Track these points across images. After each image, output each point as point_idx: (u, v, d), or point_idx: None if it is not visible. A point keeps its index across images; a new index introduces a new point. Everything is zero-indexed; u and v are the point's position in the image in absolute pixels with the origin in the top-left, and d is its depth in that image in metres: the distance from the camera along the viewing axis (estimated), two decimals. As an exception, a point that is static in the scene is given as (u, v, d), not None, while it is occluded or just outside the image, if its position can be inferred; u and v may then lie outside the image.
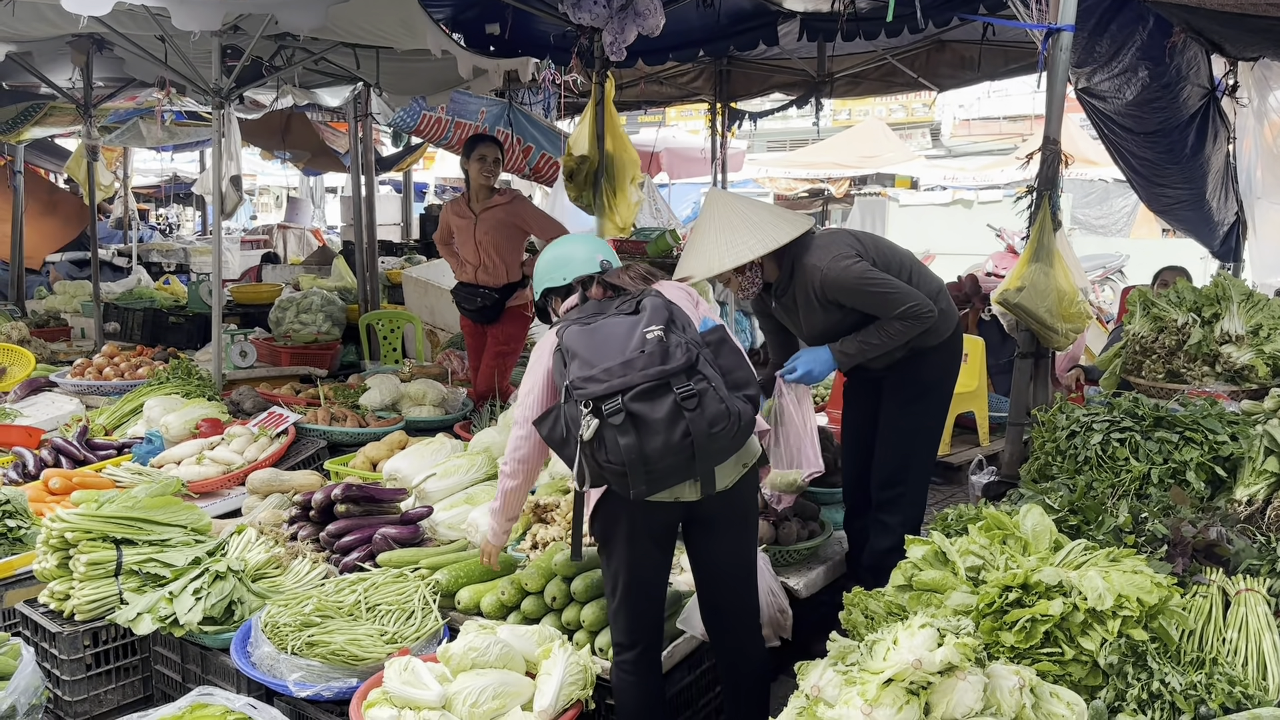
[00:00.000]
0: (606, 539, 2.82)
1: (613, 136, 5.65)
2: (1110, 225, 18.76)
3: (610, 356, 2.53)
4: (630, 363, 2.51)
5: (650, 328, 2.56)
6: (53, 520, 3.59)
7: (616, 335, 2.59)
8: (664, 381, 2.49)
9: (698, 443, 2.49)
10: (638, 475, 2.50)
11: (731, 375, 2.62)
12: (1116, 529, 2.85)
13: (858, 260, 3.49)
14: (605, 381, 2.49)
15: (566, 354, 2.63)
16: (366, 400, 5.75)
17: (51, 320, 9.13)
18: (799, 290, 3.56)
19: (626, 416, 2.47)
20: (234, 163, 5.86)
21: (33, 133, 10.09)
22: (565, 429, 2.58)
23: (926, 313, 3.48)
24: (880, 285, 3.47)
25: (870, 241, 3.68)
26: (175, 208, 22.00)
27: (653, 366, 2.50)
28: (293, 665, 2.97)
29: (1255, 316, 4.12)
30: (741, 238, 3.46)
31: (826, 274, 3.46)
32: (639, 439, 2.47)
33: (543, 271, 3.03)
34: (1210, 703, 2.19)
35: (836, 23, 6.03)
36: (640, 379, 2.49)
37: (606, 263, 2.93)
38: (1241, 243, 7.00)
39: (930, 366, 3.70)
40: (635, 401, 2.48)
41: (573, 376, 2.55)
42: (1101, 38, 5.39)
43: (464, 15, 6.41)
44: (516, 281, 5.89)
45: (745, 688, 2.98)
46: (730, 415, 2.53)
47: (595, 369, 2.52)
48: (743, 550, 2.94)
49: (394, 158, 12.90)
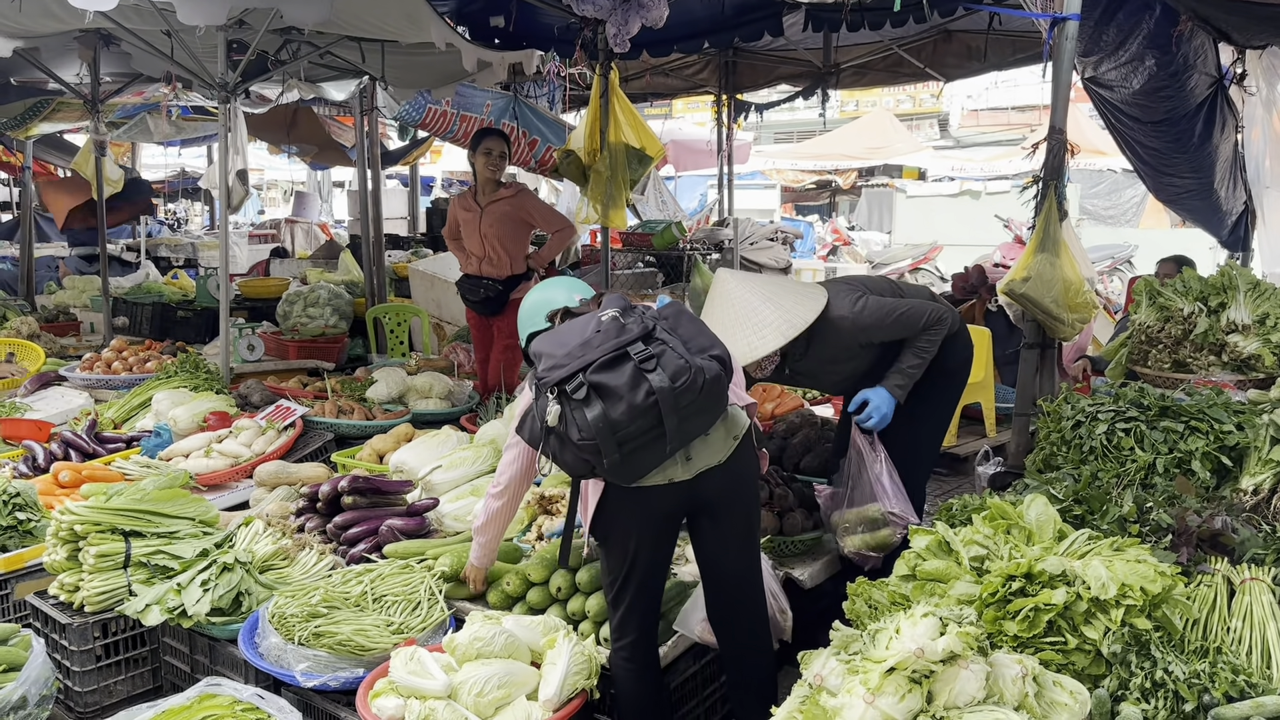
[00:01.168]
0: (608, 534, 2.83)
1: (620, 126, 5.64)
2: (1119, 215, 18.70)
3: (570, 344, 2.59)
4: (587, 342, 2.56)
5: (605, 311, 2.63)
6: (62, 513, 3.61)
7: (575, 327, 2.66)
8: (621, 351, 2.53)
9: (662, 400, 2.50)
10: (609, 445, 2.50)
11: (692, 341, 2.63)
12: (1121, 519, 2.85)
13: (866, 296, 3.60)
14: (565, 365, 2.54)
15: (535, 357, 2.68)
16: (373, 393, 5.77)
17: (61, 315, 9.18)
18: (825, 346, 3.60)
19: (589, 389, 2.50)
20: (240, 157, 5.88)
21: (41, 128, 10.12)
22: (540, 422, 2.60)
23: (942, 315, 3.59)
24: (896, 309, 3.58)
25: (856, 279, 3.82)
26: (183, 202, 22.06)
27: (609, 340, 2.55)
28: (300, 655, 2.99)
29: (1262, 306, 4.11)
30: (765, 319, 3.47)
31: (856, 320, 3.55)
32: (604, 407, 2.50)
33: (525, 317, 3.08)
34: (1214, 691, 2.19)
35: (842, 13, 6.02)
36: (598, 354, 2.53)
37: (584, 301, 2.98)
38: (1250, 232, 6.96)
39: (939, 359, 3.71)
40: (595, 373, 2.51)
41: (539, 370, 2.60)
42: (1108, 26, 5.36)
43: (468, 8, 6.41)
44: (521, 274, 5.91)
45: (751, 681, 2.98)
46: (692, 369, 2.53)
47: (557, 356, 2.57)
48: (748, 541, 2.95)
49: (400, 151, 12.92)
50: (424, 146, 13.14)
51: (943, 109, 24.87)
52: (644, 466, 2.61)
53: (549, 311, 2.97)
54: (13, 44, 6.34)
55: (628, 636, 2.88)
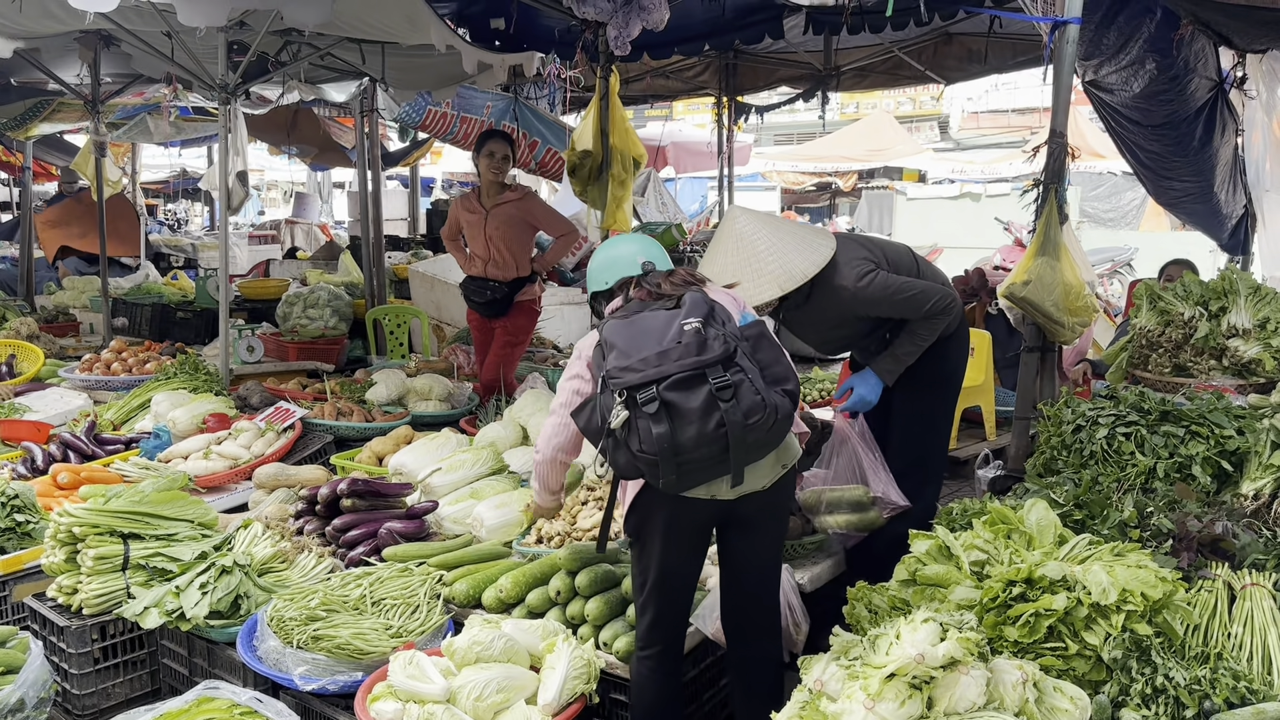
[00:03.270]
0: (640, 533, 2.80)
1: (617, 131, 5.64)
2: (1119, 218, 18.69)
3: (647, 347, 2.53)
4: (666, 353, 2.51)
5: (689, 319, 2.56)
6: (61, 515, 3.61)
7: (654, 327, 2.59)
8: (699, 372, 2.48)
9: (732, 434, 2.48)
10: (669, 465, 2.48)
11: (770, 370, 2.60)
12: (1121, 523, 2.85)
13: (878, 272, 3.55)
14: (641, 371, 2.49)
15: (605, 346, 2.63)
16: (373, 395, 5.76)
17: (60, 315, 9.17)
18: (822, 306, 3.58)
19: (661, 405, 2.46)
20: (240, 158, 5.87)
21: (41, 129, 10.13)
22: (600, 419, 2.58)
23: (950, 304, 3.55)
24: (905, 290, 3.54)
25: (877, 246, 3.73)
26: (183, 203, 22.07)
27: (689, 357, 2.49)
28: (298, 659, 2.98)
29: (1263, 310, 4.10)
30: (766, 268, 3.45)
31: (857, 294, 3.51)
32: (672, 428, 2.46)
33: (591, 274, 3.04)
34: (1215, 698, 2.18)
35: (842, 15, 6.01)
36: (675, 369, 2.48)
37: (649, 264, 2.91)
38: (1250, 235, 6.96)
39: (942, 357, 3.72)
40: (670, 390, 2.47)
41: (609, 367, 2.55)
42: (1109, 30, 5.36)
43: (469, 10, 6.41)
44: (525, 276, 5.92)
45: (758, 687, 2.97)
46: (766, 407, 2.50)
47: (632, 359, 2.52)
48: (773, 554, 2.94)
49: (400, 153, 12.91)
50: (424, 148, 13.14)
51: (943, 111, 24.89)
52: (694, 483, 2.60)
53: (620, 278, 2.92)
54: (13, 45, 6.34)
55: (654, 646, 2.85)
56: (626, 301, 2.84)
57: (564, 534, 3.74)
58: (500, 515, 3.95)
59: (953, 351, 3.79)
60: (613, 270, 2.96)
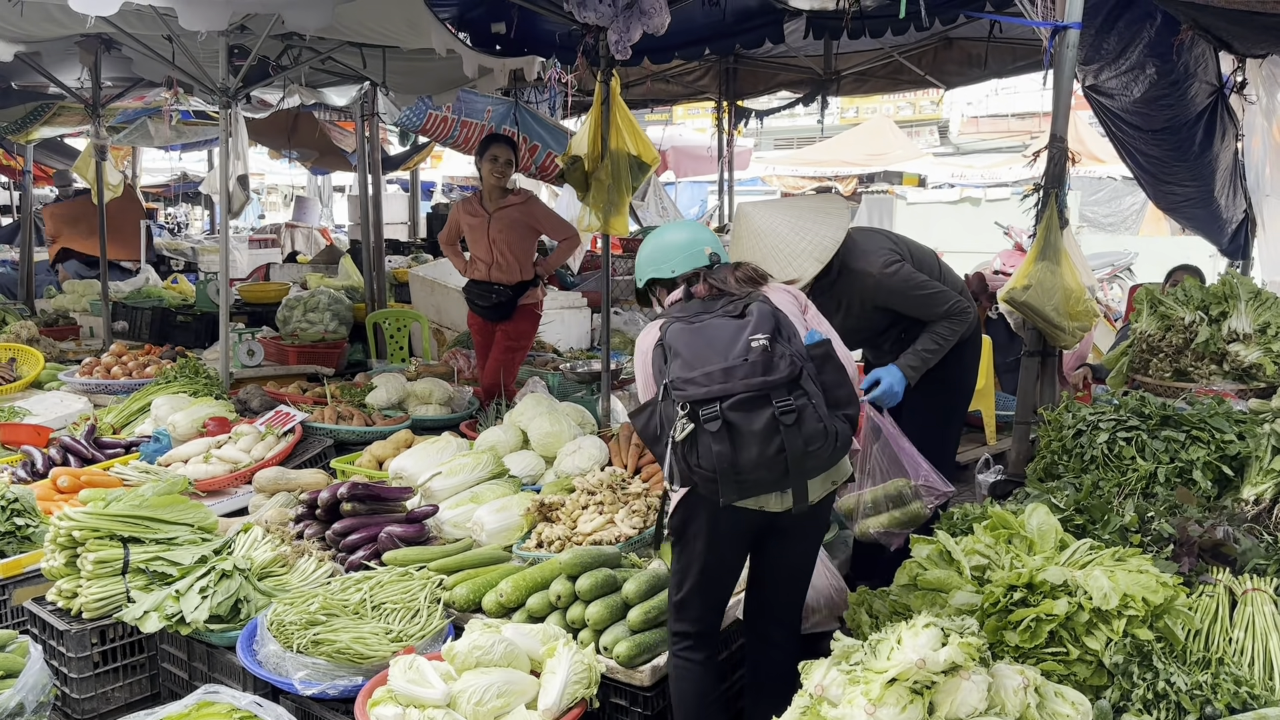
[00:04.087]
0: (683, 532, 2.79)
1: (620, 134, 5.64)
2: (1119, 223, 18.70)
3: (712, 360, 2.50)
4: (732, 370, 2.47)
5: (756, 335, 2.50)
6: (60, 519, 3.60)
7: (721, 338, 2.54)
8: (764, 393, 2.46)
9: (791, 459, 2.47)
10: (728, 484, 2.49)
11: (833, 393, 2.57)
12: (1122, 528, 2.85)
13: (902, 263, 3.58)
14: (705, 386, 2.47)
15: (668, 350, 2.59)
16: (373, 399, 5.76)
17: (60, 319, 9.17)
18: (845, 293, 3.60)
19: (723, 424, 2.45)
20: (241, 162, 5.88)
21: (41, 132, 10.14)
22: (659, 426, 2.56)
23: (966, 311, 3.59)
24: (925, 287, 3.58)
25: (903, 242, 3.75)
26: (184, 206, 22.07)
27: (755, 376, 2.46)
28: (298, 663, 2.98)
29: (1263, 315, 4.10)
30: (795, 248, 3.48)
31: (880, 281, 3.54)
32: (733, 448, 2.46)
33: (647, 258, 2.96)
34: (1216, 703, 2.18)
35: (843, 20, 6.02)
36: (741, 388, 2.45)
37: (715, 256, 2.86)
38: (1250, 240, 6.96)
39: (950, 365, 3.73)
40: (733, 410, 2.45)
41: (673, 375, 2.52)
42: (1109, 35, 5.37)
43: (470, 14, 6.41)
44: (528, 280, 5.93)
45: (769, 684, 2.95)
46: (828, 435, 2.50)
47: (696, 371, 2.49)
48: (806, 560, 2.95)
49: (401, 157, 12.93)
50: (425, 152, 13.15)
51: (943, 116, 24.90)
52: (747, 495, 2.60)
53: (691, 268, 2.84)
54: (14, 48, 6.34)
55: (688, 640, 2.86)
56: (688, 299, 2.78)
57: (564, 538, 3.74)
58: (500, 519, 3.95)
59: (966, 357, 3.81)
60: (675, 259, 2.88)
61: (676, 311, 2.73)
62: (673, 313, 2.73)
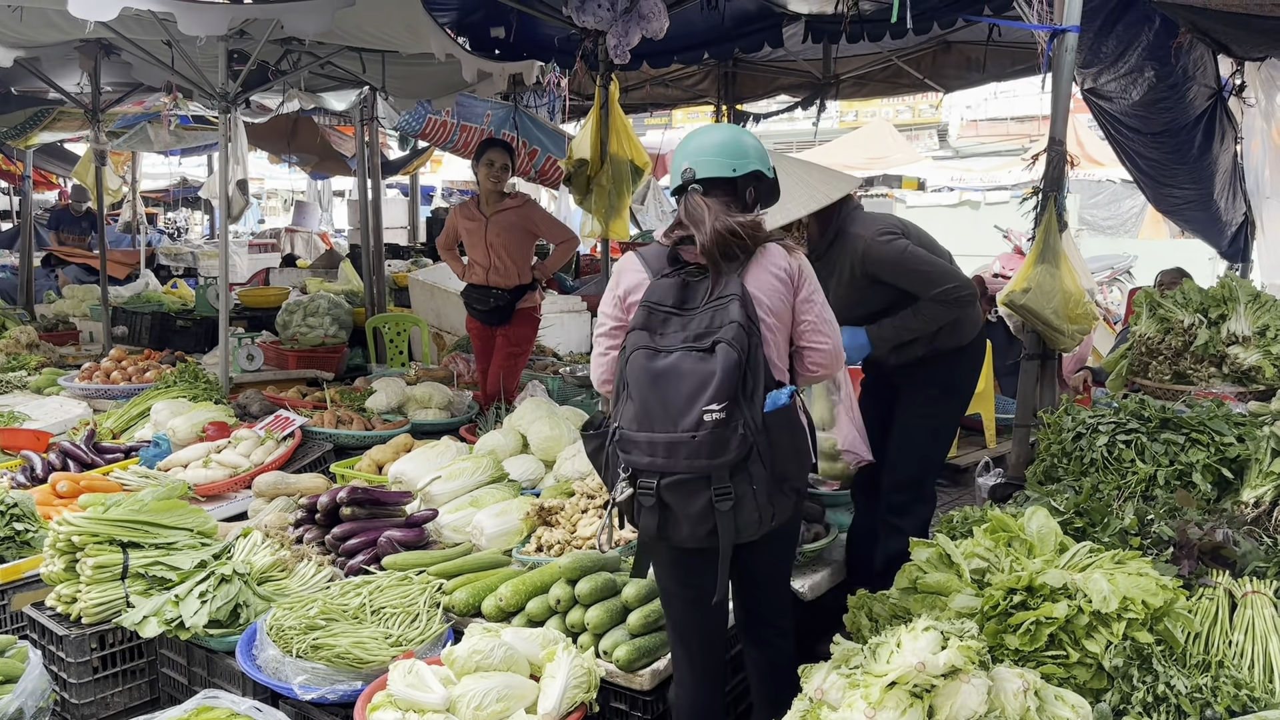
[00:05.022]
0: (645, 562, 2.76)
1: (619, 139, 5.66)
2: (1118, 226, 18.70)
3: (662, 423, 2.41)
4: (676, 446, 2.39)
5: (713, 405, 2.36)
6: (60, 524, 3.60)
7: (676, 398, 2.40)
8: (704, 475, 2.40)
9: (723, 541, 2.45)
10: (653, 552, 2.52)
11: (782, 465, 2.47)
12: (1122, 531, 2.84)
13: (898, 237, 3.52)
14: (649, 456, 2.43)
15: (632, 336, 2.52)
16: (372, 403, 5.76)
17: (60, 324, 9.17)
18: (839, 258, 3.55)
19: (656, 502, 2.43)
20: (240, 167, 5.88)
21: (41, 137, 10.15)
22: (606, 462, 2.56)
23: (964, 295, 3.50)
24: (922, 263, 3.49)
25: (914, 229, 3.69)
26: (183, 211, 22.07)
27: (699, 458, 2.38)
28: (298, 668, 2.98)
29: (1262, 317, 4.11)
30: (793, 194, 3.40)
31: (870, 245, 3.47)
32: (661, 524, 2.45)
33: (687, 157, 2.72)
34: (1216, 706, 2.18)
35: (841, 24, 6.03)
36: (683, 468, 2.39)
37: (689, 170, 2.65)
38: (1250, 243, 6.97)
39: (950, 370, 3.70)
40: (669, 491, 2.42)
41: (623, 425, 2.47)
42: (1107, 38, 5.37)
43: (469, 19, 6.42)
44: (526, 284, 5.93)
45: (766, 692, 2.94)
46: (762, 522, 2.46)
47: (643, 434, 2.43)
48: (777, 571, 2.92)
49: (400, 161, 12.94)
50: (424, 156, 13.17)
51: (942, 119, 24.87)
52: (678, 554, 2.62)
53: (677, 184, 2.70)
54: (14, 54, 6.35)
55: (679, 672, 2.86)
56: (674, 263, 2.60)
57: (564, 542, 3.74)
58: (500, 523, 3.95)
59: (963, 364, 3.75)
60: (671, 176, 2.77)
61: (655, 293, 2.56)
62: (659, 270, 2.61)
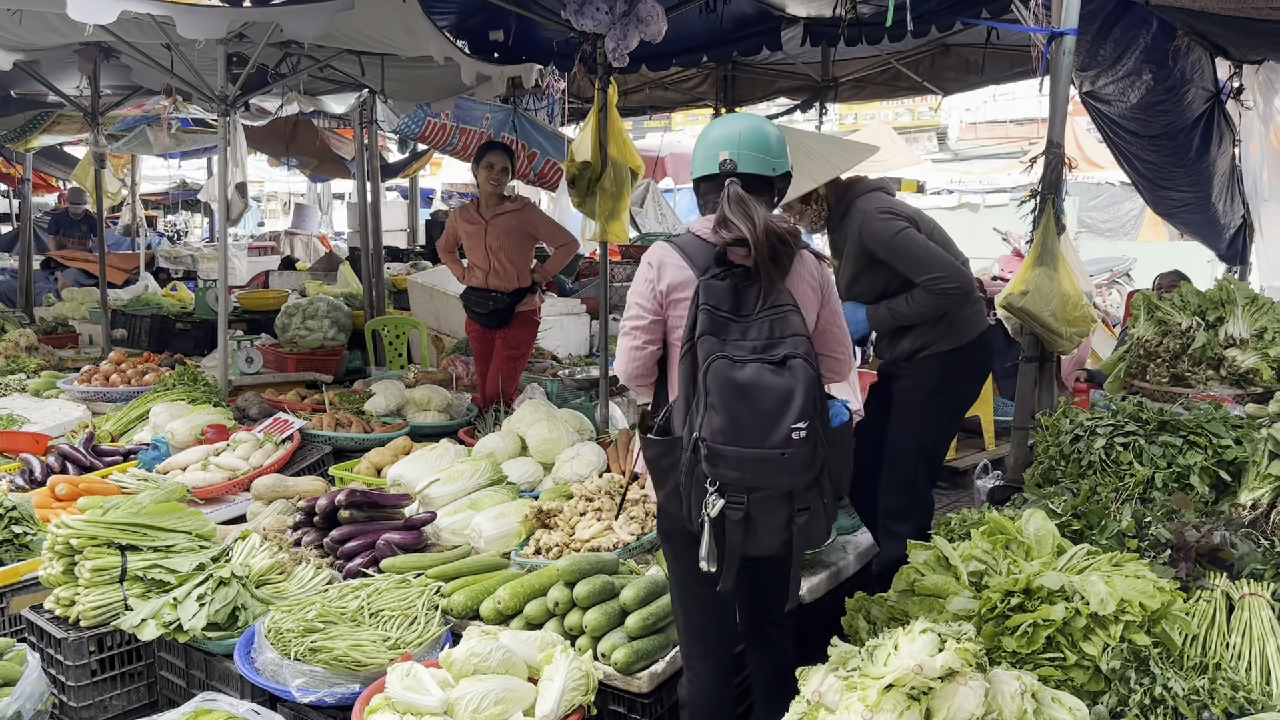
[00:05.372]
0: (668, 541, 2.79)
1: (616, 142, 5.66)
2: (1117, 228, 18.71)
3: (751, 438, 2.40)
4: (766, 463, 2.40)
5: (799, 423, 2.39)
6: (58, 526, 3.60)
7: (762, 410, 2.41)
8: (787, 492, 2.45)
9: (796, 553, 2.53)
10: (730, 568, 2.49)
11: (836, 481, 2.55)
12: (1120, 533, 2.85)
13: (899, 218, 3.57)
14: (738, 472, 2.41)
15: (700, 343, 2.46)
16: (371, 406, 5.76)
17: (59, 327, 9.17)
18: (847, 228, 3.64)
19: (744, 518, 2.44)
20: (239, 170, 5.88)
21: (40, 140, 10.15)
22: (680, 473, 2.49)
23: (951, 289, 3.52)
24: (916, 247, 3.53)
25: (928, 222, 3.73)
26: (183, 214, 22.08)
27: (788, 475, 2.42)
28: (296, 671, 2.98)
29: (1260, 320, 4.11)
30: (804, 167, 3.46)
31: (867, 220, 3.55)
32: (745, 538, 2.47)
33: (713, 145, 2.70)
34: (1213, 708, 2.18)
35: (840, 27, 6.04)
36: (770, 485, 2.43)
37: (730, 163, 2.62)
38: (1248, 245, 6.98)
39: (941, 372, 3.70)
40: (757, 506, 2.44)
41: (708, 438, 2.42)
42: (1105, 41, 5.39)
43: (468, 22, 6.42)
44: (526, 287, 5.94)
45: (768, 694, 2.94)
46: (828, 533, 2.56)
47: (732, 449, 2.41)
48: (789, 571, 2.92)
49: (400, 164, 12.95)
50: (423, 159, 13.17)
51: (941, 122, 24.87)
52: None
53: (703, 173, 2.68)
54: (13, 57, 6.36)
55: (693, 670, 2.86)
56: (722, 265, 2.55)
57: (562, 545, 3.74)
58: (498, 526, 3.95)
59: (956, 367, 3.73)
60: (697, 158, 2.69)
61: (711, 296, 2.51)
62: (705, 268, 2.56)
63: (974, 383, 3.92)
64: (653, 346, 2.71)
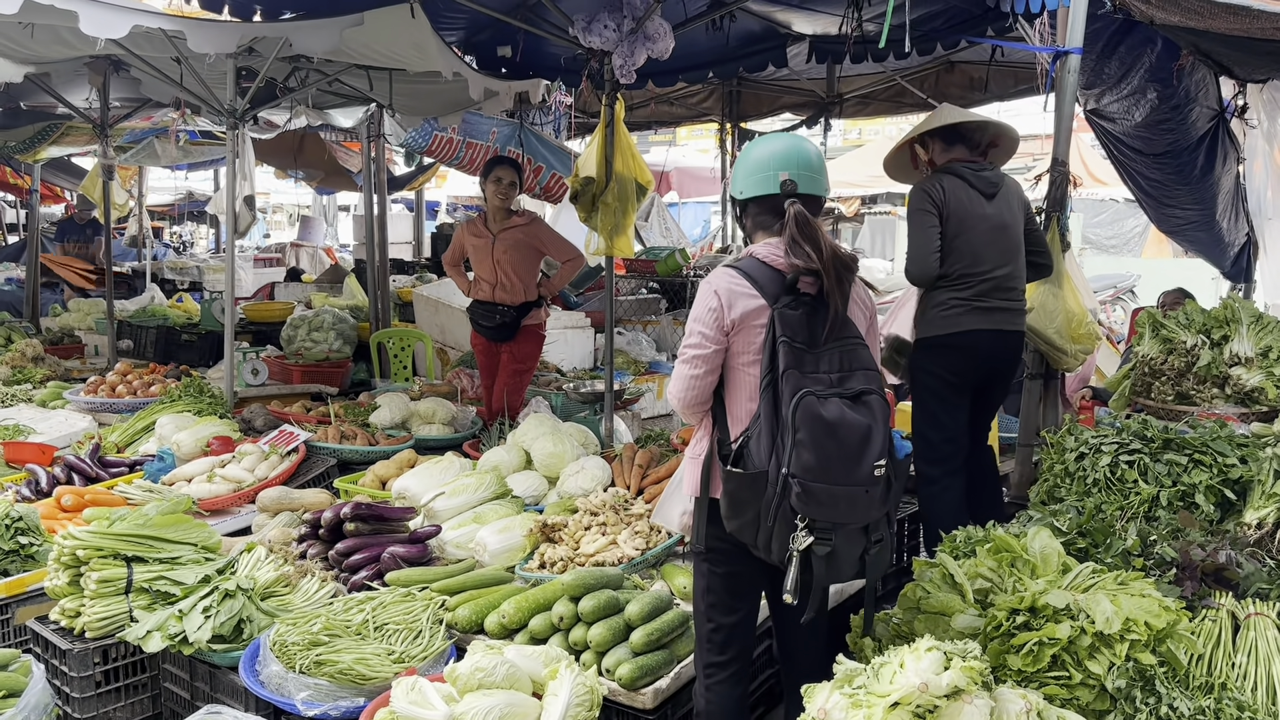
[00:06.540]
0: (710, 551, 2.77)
1: (623, 156, 5.68)
2: (1121, 245, 18.71)
3: (840, 477, 2.44)
4: (854, 500, 2.46)
5: (880, 461, 2.47)
6: (64, 537, 3.61)
7: (848, 447, 2.45)
8: (865, 525, 2.52)
9: (869, 581, 2.62)
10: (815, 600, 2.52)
11: (895, 507, 2.65)
12: (1125, 552, 2.84)
13: (927, 199, 3.82)
14: (829, 507, 2.44)
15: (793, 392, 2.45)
16: (376, 418, 5.77)
17: (65, 337, 9.20)
18: None
19: (830, 553, 2.47)
20: (248, 182, 5.91)
21: (50, 152, 10.21)
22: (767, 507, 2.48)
23: (908, 270, 3.89)
24: (911, 226, 3.88)
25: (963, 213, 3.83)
26: (189, 225, 22.16)
27: (871, 510, 2.50)
28: (300, 684, 2.98)
29: (1265, 338, 4.11)
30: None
31: (915, 186, 3.94)
32: (827, 572, 2.50)
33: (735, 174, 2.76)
34: (1219, 728, 2.18)
35: (845, 45, 6.06)
36: (853, 521, 2.49)
37: (791, 183, 2.61)
38: (1253, 263, 6.99)
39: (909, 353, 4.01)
40: (842, 540, 2.48)
41: (799, 473, 2.42)
42: (1110, 60, 5.41)
43: (476, 38, 6.47)
44: (532, 301, 5.96)
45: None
46: (890, 566, 2.69)
47: (821, 485, 2.42)
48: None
49: (406, 177, 12.99)
50: (430, 172, 13.22)
51: (945, 138, 24.89)
52: None
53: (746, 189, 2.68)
54: (24, 69, 6.40)
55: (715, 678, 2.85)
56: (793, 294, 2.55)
57: (567, 559, 3.74)
58: (503, 540, 3.95)
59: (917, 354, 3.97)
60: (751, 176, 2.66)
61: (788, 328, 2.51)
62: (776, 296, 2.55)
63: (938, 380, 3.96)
64: (712, 376, 2.69)
